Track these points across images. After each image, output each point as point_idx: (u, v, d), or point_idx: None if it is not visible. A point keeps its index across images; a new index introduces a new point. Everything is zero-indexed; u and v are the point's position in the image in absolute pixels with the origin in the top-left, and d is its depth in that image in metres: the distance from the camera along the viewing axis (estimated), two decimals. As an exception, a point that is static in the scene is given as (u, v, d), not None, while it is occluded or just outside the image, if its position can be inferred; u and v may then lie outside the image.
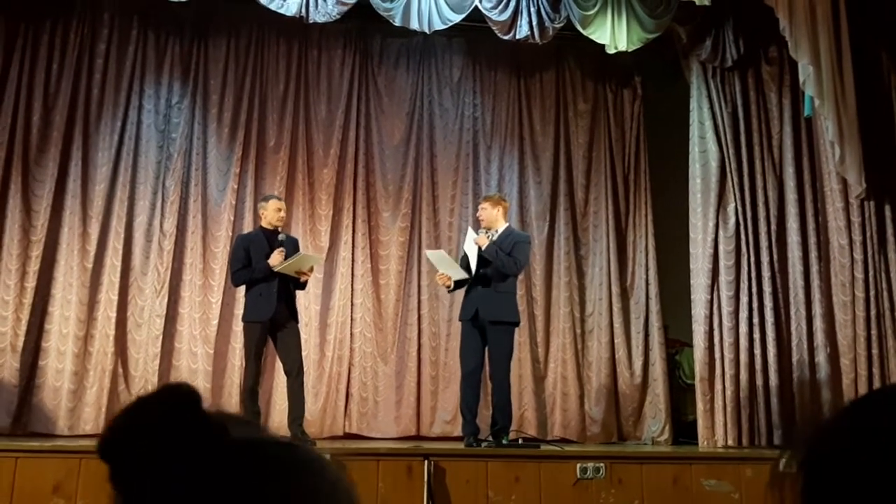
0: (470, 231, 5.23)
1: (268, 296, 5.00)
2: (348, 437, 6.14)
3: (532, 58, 6.86)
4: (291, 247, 5.24)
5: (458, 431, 5.48)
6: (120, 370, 5.96)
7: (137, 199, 6.24)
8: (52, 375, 5.78)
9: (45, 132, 6.11)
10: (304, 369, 6.14)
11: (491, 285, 5.03)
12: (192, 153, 6.39)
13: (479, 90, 6.93)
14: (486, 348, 5.06)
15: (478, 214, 5.23)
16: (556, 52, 6.83)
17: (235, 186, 6.37)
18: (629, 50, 6.06)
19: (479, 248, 5.01)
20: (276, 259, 5.01)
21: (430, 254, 5.51)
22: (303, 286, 5.30)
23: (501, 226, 5.19)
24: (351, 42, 6.80)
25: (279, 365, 5.38)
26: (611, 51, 6.06)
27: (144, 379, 5.95)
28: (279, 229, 5.25)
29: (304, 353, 6.12)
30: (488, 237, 5.08)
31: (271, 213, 5.22)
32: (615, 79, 7.00)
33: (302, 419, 5.02)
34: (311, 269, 5.26)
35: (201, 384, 5.98)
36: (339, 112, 6.67)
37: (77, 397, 5.80)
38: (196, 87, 6.49)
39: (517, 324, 5.23)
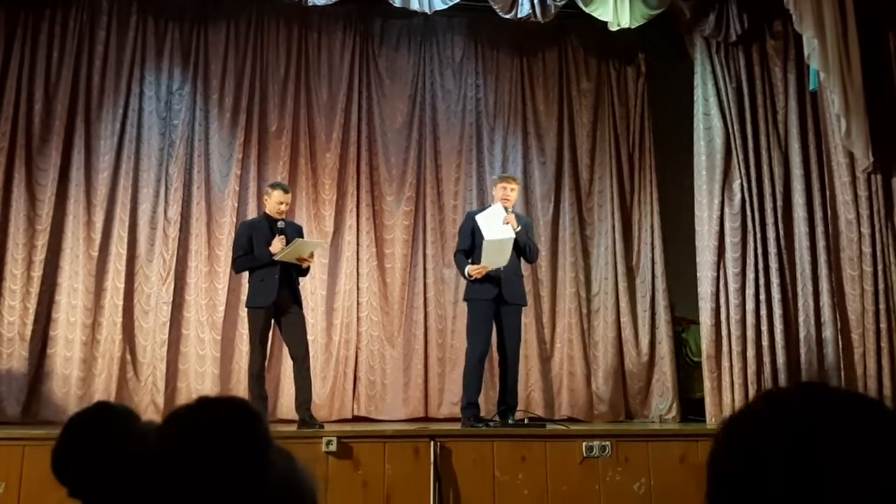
0: (498, 208, 5.12)
1: (269, 282, 5.01)
2: (357, 419, 6.16)
3: (534, 36, 6.80)
4: (293, 233, 5.23)
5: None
6: (128, 357, 6.00)
7: (141, 186, 6.25)
8: (61, 363, 5.82)
9: (48, 121, 6.12)
10: (312, 354, 6.17)
11: (511, 269, 5.08)
12: (194, 139, 6.39)
13: (482, 70, 6.88)
14: (500, 329, 5.06)
15: (506, 193, 5.14)
16: (558, 30, 6.76)
17: (238, 172, 6.37)
18: (632, 27, 5.98)
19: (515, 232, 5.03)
20: (276, 246, 5.02)
21: (493, 242, 5.01)
22: (305, 272, 5.30)
23: (511, 209, 5.19)
24: (351, 24, 6.76)
25: (286, 350, 5.39)
26: (613, 28, 5.99)
27: (153, 366, 5.99)
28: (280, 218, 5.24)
29: (311, 338, 6.14)
30: (516, 221, 5.09)
31: (272, 205, 5.22)
32: (618, 56, 6.94)
33: (309, 403, 5.03)
34: (312, 255, 5.25)
35: (209, 370, 6.01)
36: (341, 95, 6.64)
37: (86, 385, 5.84)
38: (196, 73, 6.48)
39: (526, 305, 5.37)
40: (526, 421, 5.35)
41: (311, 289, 6.25)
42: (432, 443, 4.29)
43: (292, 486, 0.91)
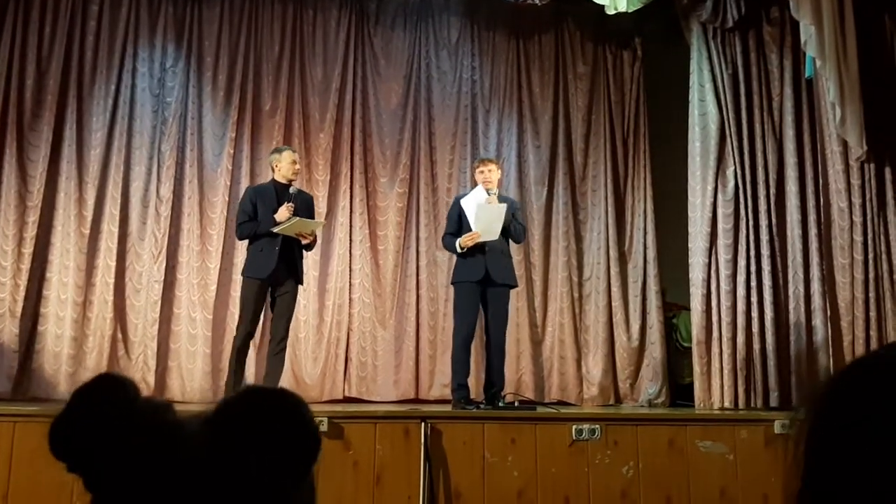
0: (480, 190, 5.12)
1: (269, 253, 4.90)
2: (348, 400, 6.18)
3: (531, 19, 6.76)
4: (303, 204, 5.11)
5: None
6: (119, 335, 5.99)
7: (133, 164, 6.22)
8: (52, 341, 5.81)
9: (39, 97, 6.07)
10: (303, 335, 6.21)
11: (499, 248, 5.06)
12: (187, 117, 6.35)
13: (478, 52, 6.85)
14: (486, 311, 5.07)
15: (485, 177, 5.14)
16: (555, 13, 6.74)
17: (231, 151, 6.34)
18: (629, 11, 5.96)
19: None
20: (282, 214, 4.90)
21: (488, 206, 5.04)
22: (309, 248, 5.21)
23: (495, 190, 5.18)
24: (346, 3, 6.72)
25: None
26: (610, 12, 5.97)
27: (144, 344, 5.99)
28: (293, 183, 5.12)
29: (302, 319, 6.17)
30: (498, 202, 5.08)
31: (286, 166, 5.07)
32: (615, 41, 6.91)
33: (276, 384, 4.95)
34: (313, 233, 5.18)
35: (200, 349, 6.01)
36: (336, 75, 6.61)
37: (77, 362, 5.83)
38: (190, 50, 6.43)
39: (516, 287, 5.33)
40: (516, 404, 5.38)
41: (304, 270, 6.24)
42: (423, 424, 4.30)
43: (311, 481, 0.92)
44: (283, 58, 6.58)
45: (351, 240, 6.46)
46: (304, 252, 5.21)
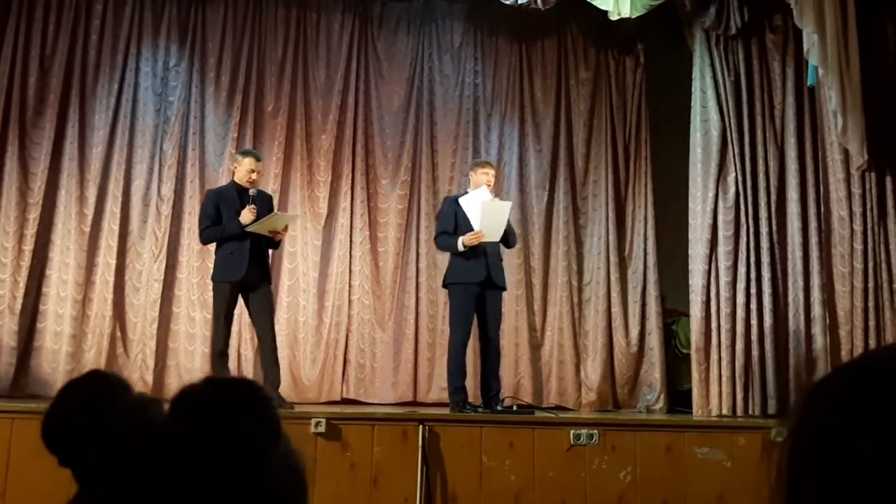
0: (484, 191, 5.14)
1: (239, 255, 4.86)
2: (346, 402, 6.18)
3: (534, 24, 6.76)
4: (263, 204, 5.06)
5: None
6: (118, 334, 6.00)
7: (135, 162, 6.23)
8: (51, 338, 5.82)
9: (42, 94, 6.09)
10: (302, 336, 6.21)
11: (496, 251, 5.11)
12: (189, 117, 6.36)
13: (480, 56, 6.85)
14: (484, 313, 5.07)
15: (488, 179, 5.19)
16: (558, 18, 6.73)
17: (233, 151, 6.32)
18: (632, 17, 5.96)
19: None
20: (246, 217, 4.86)
21: (493, 203, 5.11)
22: (276, 246, 5.20)
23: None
24: (350, 6, 6.72)
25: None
26: (613, 17, 5.97)
27: (142, 343, 5.99)
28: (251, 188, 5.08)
29: (302, 320, 6.17)
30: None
31: (243, 173, 5.04)
32: (618, 46, 6.91)
33: (278, 384, 4.95)
34: (286, 228, 5.13)
35: (199, 349, 6.01)
36: (338, 77, 6.62)
37: (75, 360, 5.83)
38: (194, 51, 6.44)
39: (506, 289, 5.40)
40: (514, 408, 5.37)
41: (303, 270, 6.25)
42: (421, 426, 4.31)
43: (291, 469, 0.92)
44: (286, 60, 6.59)
45: (351, 241, 6.46)
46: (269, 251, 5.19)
